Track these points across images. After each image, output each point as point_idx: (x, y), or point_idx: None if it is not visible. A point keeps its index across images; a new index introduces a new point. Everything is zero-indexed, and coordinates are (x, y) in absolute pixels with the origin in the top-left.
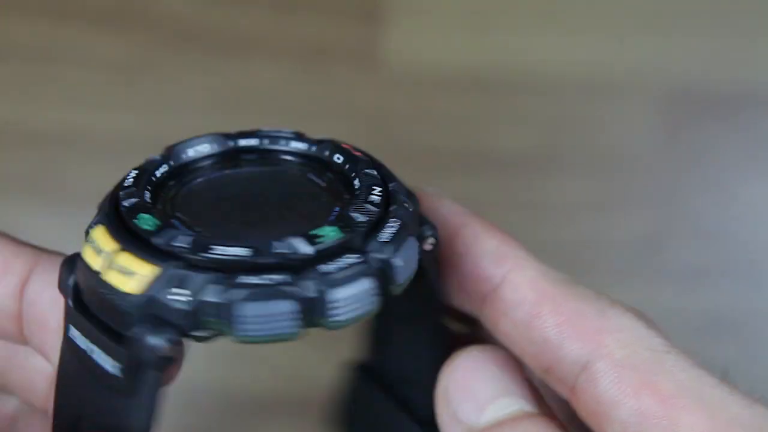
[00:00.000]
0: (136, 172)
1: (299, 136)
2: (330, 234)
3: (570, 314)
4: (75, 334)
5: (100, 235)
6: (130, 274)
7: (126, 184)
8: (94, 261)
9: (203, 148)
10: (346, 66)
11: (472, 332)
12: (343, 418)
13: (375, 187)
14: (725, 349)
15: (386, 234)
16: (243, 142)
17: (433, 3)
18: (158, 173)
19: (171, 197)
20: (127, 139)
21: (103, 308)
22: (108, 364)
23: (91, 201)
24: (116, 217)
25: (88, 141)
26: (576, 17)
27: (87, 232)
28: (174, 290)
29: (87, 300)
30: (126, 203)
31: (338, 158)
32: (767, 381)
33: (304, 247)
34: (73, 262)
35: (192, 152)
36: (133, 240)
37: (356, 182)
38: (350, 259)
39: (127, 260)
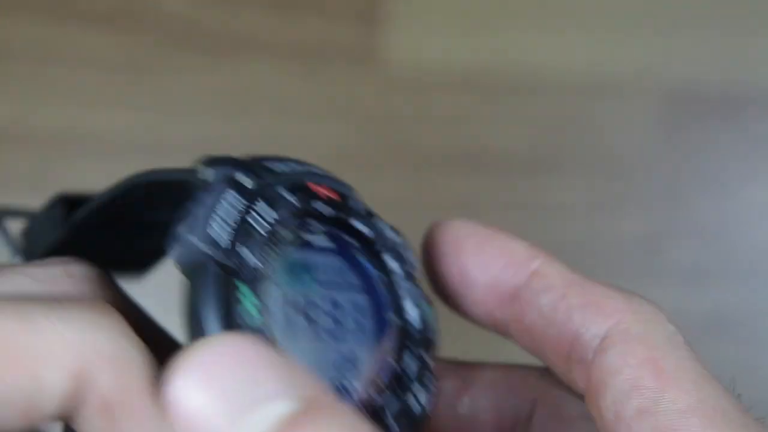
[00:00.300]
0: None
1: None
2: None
3: (597, 296)
4: None
5: None
6: None
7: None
8: None
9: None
10: (346, 66)
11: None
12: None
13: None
14: (725, 349)
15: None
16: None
17: (433, 3)
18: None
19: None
20: (127, 139)
21: None
22: None
23: None
24: None
25: (88, 141)
26: (576, 18)
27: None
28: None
29: None
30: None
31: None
32: (767, 381)
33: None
34: None
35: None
36: None
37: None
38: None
39: None
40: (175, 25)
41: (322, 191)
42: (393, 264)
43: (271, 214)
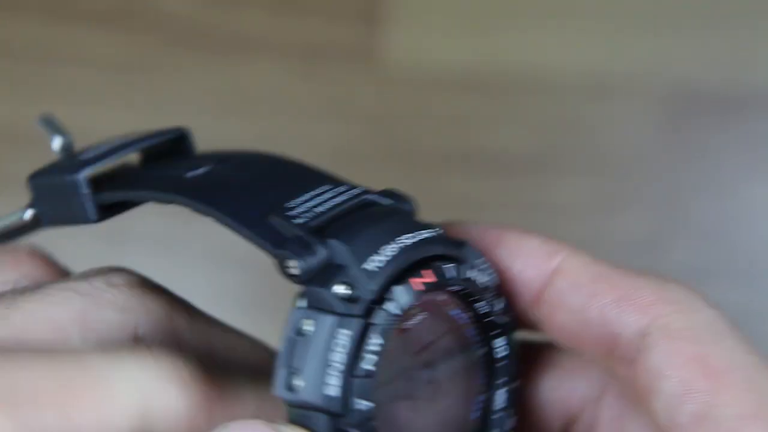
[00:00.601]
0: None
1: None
2: None
3: (628, 288)
4: None
5: None
6: None
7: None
8: None
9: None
10: (346, 66)
11: None
12: None
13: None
14: None
15: None
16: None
17: (433, 3)
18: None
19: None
20: None
21: None
22: None
23: None
24: None
25: (88, 141)
26: (575, 17)
27: None
28: None
29: None
30: None
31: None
32: None
33: None
34: None
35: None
36: None
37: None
38: None
39: None
40: (175, 25)
41: (421, 282)
42: (481, 303)
43: (379, 342)
